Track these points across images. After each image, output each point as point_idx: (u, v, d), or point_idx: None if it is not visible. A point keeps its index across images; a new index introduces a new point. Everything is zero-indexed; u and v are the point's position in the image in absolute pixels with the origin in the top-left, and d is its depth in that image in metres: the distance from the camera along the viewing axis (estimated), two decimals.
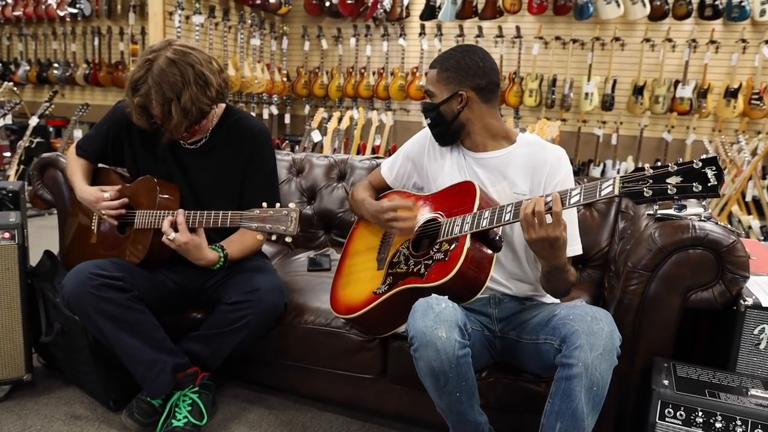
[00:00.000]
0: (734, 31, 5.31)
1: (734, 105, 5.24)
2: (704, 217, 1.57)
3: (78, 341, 1.92)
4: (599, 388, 1.34)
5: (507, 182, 1.68)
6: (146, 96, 1.76)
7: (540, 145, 1.70)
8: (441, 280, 1.49)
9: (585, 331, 1.36)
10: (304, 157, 2.72)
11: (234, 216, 1.69)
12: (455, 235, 1.55)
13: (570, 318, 1.41)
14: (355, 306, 1.74)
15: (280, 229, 1.62)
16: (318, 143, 5.31)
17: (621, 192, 1.26)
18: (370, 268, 1.78)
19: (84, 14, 6.61)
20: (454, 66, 1.67)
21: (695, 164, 1.19)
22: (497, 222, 1.48)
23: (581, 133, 5.74)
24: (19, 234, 1.98)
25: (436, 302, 1.43)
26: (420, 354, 1.41)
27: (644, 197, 1.23)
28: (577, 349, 1.34)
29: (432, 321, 1.39)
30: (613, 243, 2.09)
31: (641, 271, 1.55)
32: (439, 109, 1.69)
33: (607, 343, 1.35)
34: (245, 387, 2.15)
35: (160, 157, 1.96)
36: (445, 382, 1.41)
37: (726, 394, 1.36)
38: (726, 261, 1.48)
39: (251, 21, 6.08)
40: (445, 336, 1.37)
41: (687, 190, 1.19)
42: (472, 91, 1.66)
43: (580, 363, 1.33)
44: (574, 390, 1.33)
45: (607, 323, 1.39)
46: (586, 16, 5.46)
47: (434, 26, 6.03)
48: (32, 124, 4.87)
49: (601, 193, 1.30)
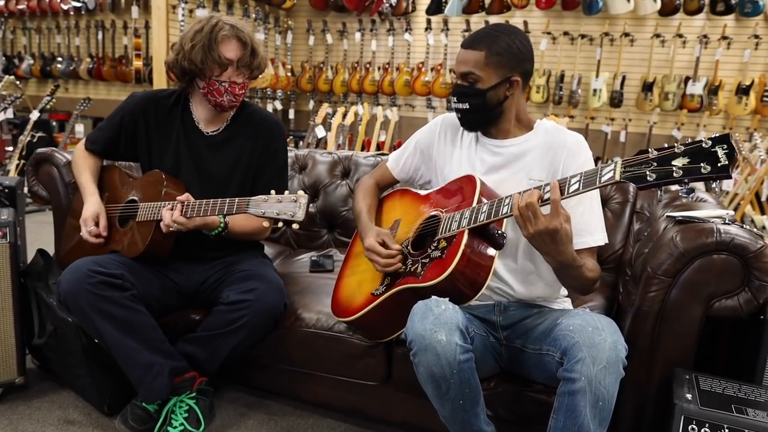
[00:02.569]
0: (747, 27, 5.21)
1: (746, 102, 5.14)
2: (728, 221, 1.48)
3: (71, 343, 1.86)
4: (605, 403, 1.26)
5: (523, 169, 1.59)
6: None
7: (558, 130, 1.61)
8: (436, 279, 1.42)
9: (586, 343, 1.27)
10: (308, 153, 2.64)
11: (241, 202, 1.66)
12: (453, 231, 1.47)
13: (570, 329, 1.33)
14: (353, 308, 1.68)
15: (287, 214, 1.59)
16: (322, 139, 5.24)
17: (622, 177, 1.16)
18: (371, 269, 1.70)
19: (88, 8, 6.56)
20: (505, 49, 1.54)
21: (704, 143, 1.07)
22: (495, 216, 1.39)
23: (589, 130, 5.65)
24: (12, 232, 1.92)
25: (436, 304, 1.36)
26: (419, 359, 1.33)
27: (647, 182, 1.12)
28: (579, 363, 1.26)
29: (431, 324, 1.32)
30: (628, 245, 2.01)
31: (661, 277, 1.47)
32: (485, 96, 1.55)
33: (611, 355, 1.26)
34: (245, 391, 2.09)
35: (173, 144, 1.94)
36: (447, 388, 1.34)
37: (754, 410, 1.28)
38: (753, 267, 1.39)
39: (255, 15, 6.01)
40: (446, 339, 1.30)
41: (694, 172, 1.07)
42: (520, 77, 1.56)
43: (583, 377, 1.25)
44: (578, 405, 1.26)
45: (610, 333, 1.30)
46: (595, 11, 5.36)
47: (440, 21, 5.94)
48: (33, 119, 4.81)
49: (601, 180, 1.20)
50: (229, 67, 1.83)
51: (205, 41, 1.79)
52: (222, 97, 1.86)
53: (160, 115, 1.97)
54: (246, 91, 1.91)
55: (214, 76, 1.83)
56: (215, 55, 1.80)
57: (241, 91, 1.87)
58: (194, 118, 1.97)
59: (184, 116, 1.97)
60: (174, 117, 1.96)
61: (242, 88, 1.88)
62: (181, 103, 1.98)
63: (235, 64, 1.83)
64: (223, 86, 1.84)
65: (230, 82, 1.84)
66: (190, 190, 1.87)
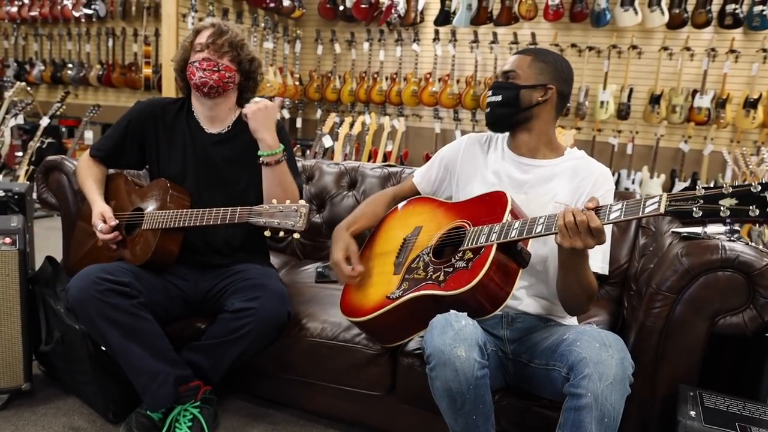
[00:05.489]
0: (755, 41, 5.20)
1: (754, 116, 5.11)
2: (733, 237, 1.48)
3: (77, 351, 1.87)
4: (611, 420, 1.26)
5: (550, 192, 1.62)
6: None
7: (587, 159, 1.67)
8: (460, 289, 1.41)
9: (593, 360, 1.28)
10: (315, 164, 2.66)
11: (242, 212, 1.70)
12: (481, 244, 1.47)
13: (577, 345, 1.33)
14: (366, 309, 1.66)
15: (288, 224, 1.62)
16: (329, 148, 5.25)
17: (667, 210, 1.17)
18: (386, 272, 1.71)
19: (99, 15, 6.62)
20: (551, 61, 1.65)
21: (753, 188, 1.10)
22: (527, 234, 1.39)
23: (596, 142, 5.64)
24: (21, 239, 1.93)
25: (456, 319, 1.36)
26: (437, 373, 1.33)
27: (693, 218, 1.15)
28: (585, 379, 1.27)
29: (451, 339, 1.32)
30: (633, 260, 2.01)
31: (666, 293, 1.47)
32: (519, 91, 1.62)
33: (618, 372, 1.27)
34: (249, 401, 2.09)
35: (181, 146, 1.99)
36: (462, 404, 1.34)
37: (758, 429, 1.28)
38: (758, 285, 1.39)
39: (264, 24, 6.04)
40: (465, 355, 1.30)
41: (742, 214, 1.10)
42: (556, 93, 1.64)
43: (590, 393, 1.25)
44: (584, 422, 1.26)
45: (617, 350, 1.30)
46: (603, 23, 5.37)
47: (448, 32, 5.96)
48: (43, 125, 4.86)
49: (645, 210, 1.21)
50: (202, 50, 1.91)
51: (190, 35, 1.96)
52: (195, 77, 1.91)
53: (168, 118, 2.02)
54: (226, 75, 1.93)
55: (190, 61, 1.93)
56: (193, 43, 1.94)
57: (211, 67, 1.90)
58: (198, 120, 2.02)
59: (189, 119, 2.02)
60: (180, 121, 2.02)
61: (212, 65, 1.90)
62: (185, 108, 2.04)
63: (205, 45, 1.91)
64: (194, 66, 1.91)
65: (199, 61, 1.90)
66: (198, 193, 1.94)
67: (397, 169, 2.54)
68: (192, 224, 1.79)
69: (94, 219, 1.91)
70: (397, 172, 2.52)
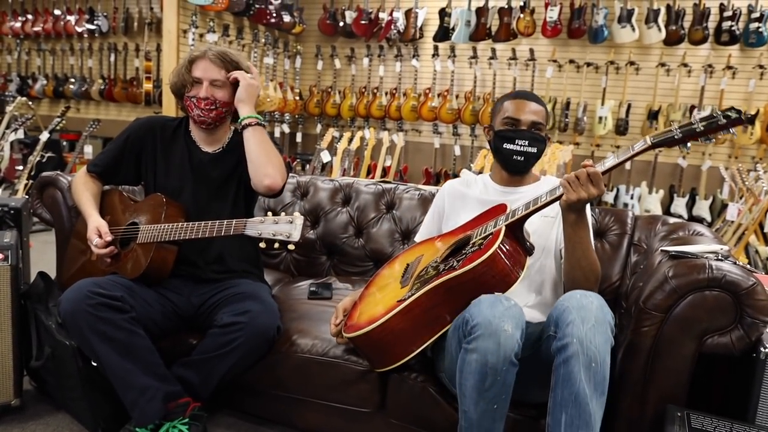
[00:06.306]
0: (751, 57, 5.23)
1: (751, 132, 5.13)
2: (722, 256, 1.48)
3: (67, 366, 1.87)
4: (598, 365, 1.30)
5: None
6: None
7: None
8: (474, 262, 1.45)
9: (575, 306, 1.36)
10: (309, 179, 2.67)
11: (238, 224, 1.73)
12: (489, 231, 1.56)
13: (561, 301, 1.43)
14: (375, 317, 1.62)
15: (283, 235, 1.65)
16: (327, 163, 5.27)
17: (654, 142, 1.44)
18: (393, 290, 1.73)
19: (101, 31, 6.70)
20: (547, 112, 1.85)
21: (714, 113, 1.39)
22: (533, 207, 1.52)
23: (594, 157, 5.66)
24: (14, 255, 1.94)
25: (505, 298, 1.40)
26: (478, 344, 1.34)
27: (675, 139, 1.43)
28: (570, 325, 1.33)
29: (501, 312, 1.35)
30: (625, 277, 2.01)
31: (653, 312, 1.46)
32: (546, 143, 1.81)
33: (598, 315, 1.35)
34: (239, 417, 2.08)
35: (178, 163, 2.02)
36: (491, 384, 1.34)
37: None
38: (745, 305, 1.39)
39: (265, 40, 6.10)
40: (511, 331, 1.33)
41: (713, 125, 1.38)
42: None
43: (575, 339, 1.31)
44: (573, 370, 1.30)
45: (596, 298, 1.40)
46: (600, 39, 5.41)
47: (447, 48, 6.01)
48: (43, 140, 4.88)
49: (635, 149, 1.47)
50: (196, 85, 1.94)
51: (185, 63, 1.96)
52: (193, 113, 1.97)
53: (166, 135, 2.05)
54: (223, 110, 1.97)
55: (188, 93, 1.95)
56: (188, 75, 1.95)
57: (208, 107, 1.93)
58: (195, 140, 2.05)
59: (186, 138, 2.05)
60: (178, 138, 2.05)
61: (209, 104, 1.93)
62: (183, 127, 2.07)
63: (202, 81, 1.93)
64: (192, 101, 1.94)
65: (197, 98, 1.93)
66: (194, 209, 1.95)
67: (391, 185, 2.55)
68: (187, 237, 1.80)
69: (90, 234, 1.92)
70: (390, 189, 2.53)
